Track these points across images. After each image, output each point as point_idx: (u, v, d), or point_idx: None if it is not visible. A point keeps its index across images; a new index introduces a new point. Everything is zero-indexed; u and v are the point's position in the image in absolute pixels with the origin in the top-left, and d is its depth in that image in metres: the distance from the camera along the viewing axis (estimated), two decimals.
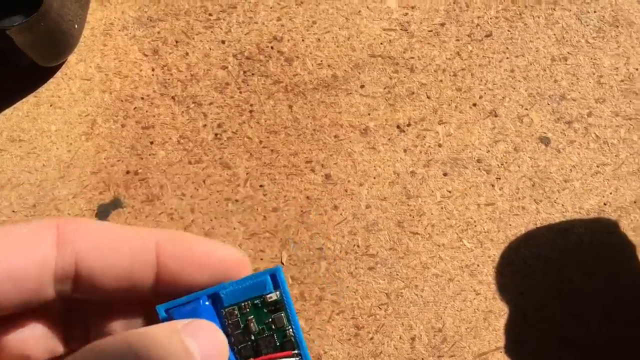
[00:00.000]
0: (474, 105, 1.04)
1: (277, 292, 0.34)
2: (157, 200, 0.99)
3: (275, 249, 0.95)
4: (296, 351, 0.33)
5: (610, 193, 0.98)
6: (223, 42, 1.10)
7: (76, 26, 1.06)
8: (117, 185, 1.00)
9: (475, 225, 0.97)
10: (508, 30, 1.10)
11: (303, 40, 1.10)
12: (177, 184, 1.00)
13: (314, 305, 0.92)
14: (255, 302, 0.34)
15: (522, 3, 1.12)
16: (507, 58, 1.08)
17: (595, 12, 1.10)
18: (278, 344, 0.34)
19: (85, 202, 0.98)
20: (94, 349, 0.29)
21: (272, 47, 1.09)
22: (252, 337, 0.34)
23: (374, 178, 1.00)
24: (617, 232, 0.96)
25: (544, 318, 0.91)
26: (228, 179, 1.00)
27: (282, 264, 0.94)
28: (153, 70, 1.08)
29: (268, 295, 0.34)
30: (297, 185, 1.00)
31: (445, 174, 1.00)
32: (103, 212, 0.98)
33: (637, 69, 1.06)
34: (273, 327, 0.34)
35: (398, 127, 1.03)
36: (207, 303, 0.32)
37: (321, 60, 1.08)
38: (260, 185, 1.00)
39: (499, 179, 0.99)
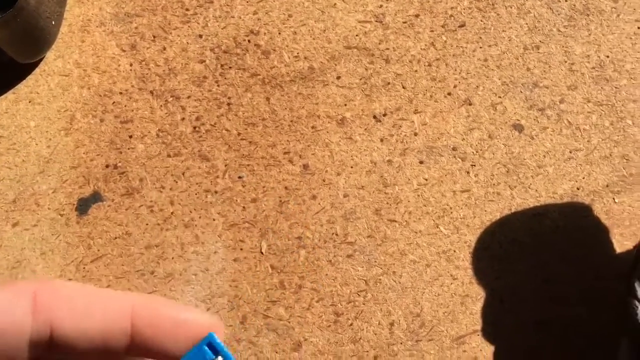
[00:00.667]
0: (449, 94, 1.06)
1: (219, 358, 0.34)
2: (137, 193, 1.00)
3: (254, 239, 0.96)
4: None
5: (583, 178, 1.00)
6: (200, 36, 1.11)
7: (53, 22, 1.06)
8: (97, 179, 1.00)
9: (452, 212, 0.98)
10: (481, 20, 1.11)
11: (279, 33, 1.11)
12: (157, 176, 1.01)
13: (294, 294, 0.93)
14: None
15: None
16: (481, 47, 1.09)
17: (566, 0, 1.12)
18: None
19: (65, 197, 0.99)
20: None
21: (249, 41, 1.10)
22: None
23: (351, 167, 1.01)
24: (591, 216, 0.98)
25: (520, 301, 0.93)
26: (207, 171, 1.01)
27: (262, 253, 0.96)
28: (131, 65, 1.09)
29: None
30: (276, 176, 1.01)
31: (421, 162, 1.01)
32: (83, 206, 0.99)
33: (607, 56, 1.08)
34: None
35: (374, 117, 1.04)
36: None
37: (298, 53, 1.10)
38: (239, 177, 1.01)
39: (474, 166, 1.01)
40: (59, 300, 0.31)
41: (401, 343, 0.89)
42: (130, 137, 1.03)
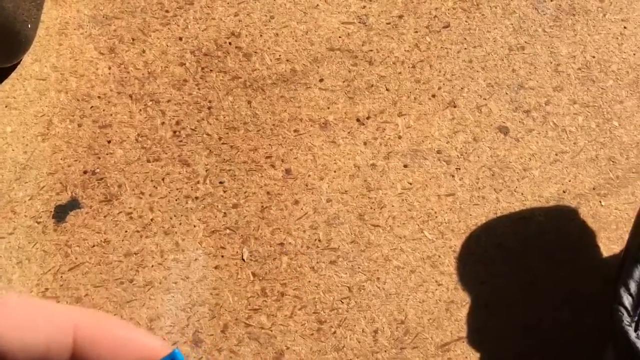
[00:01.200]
0: (433, 96, 1.04)
1: None
2: (116, 199, 0.98)
3: (236, 246, 0.95)
4: None
5: (569, 180, 0.99)
6: (180, 38, 1.09)
7: (30, 25, 1.04)
8: (75, 185, 0.98)
9: (436, 216, 0.97)
10: (465, 21, 1.10)
11: (261, 35, 1.09)
12: (136, 182, 0.99)
13: (276, 301, 0.91)
14: None
15: None
16: (465, 49, 1.08)
17: (552, 0, 1.11)
18: None
19: (42, 204, 0.97)
20: None
21: (230, 43, 1.09)
22: None
23: (335, 172, 0.99)
24: (577, 219, 0.97)
25: (505, 306, 0.91)
26: (187, 176, 0.99)
27: (243, 260, 0.94)
28: (110, 68, 1.07)
29: None
30: (257, 181, 0.99)
31: (405, 166, 1.00)
32: (60, 214, 0.97)
33: (594, 57, 1.07)
34: None
35: (358, 120, 1.03)
36: None
37: (280, 55, 1.08)
38: (220, 182, 0.99)
39: (459, 169, 0.99)
40: (4, 312, 0.31)
41: (385, 351, 0.88)
42: (109, 142, 1.01)
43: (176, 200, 0.98)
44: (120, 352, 0.35)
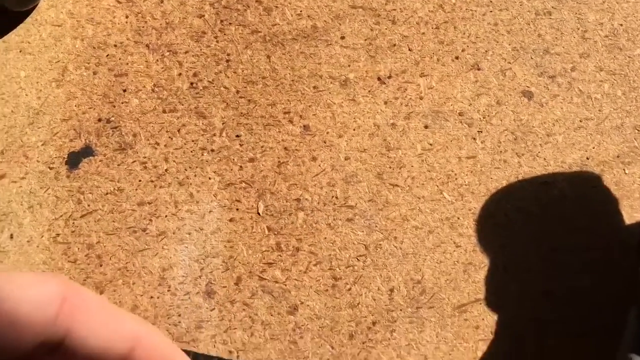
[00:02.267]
0: (457, 58, 1.02)
1: None
2: (130, 149, 0.96)
3: (251, 200, 0.93)
4: None
5: (593, 147, 0.97)
6: None
7: None
8: (89, 133, 0.96)
9: (456, 178, 0.95)
10: None
11: None
12: (151, 132, 0.97)
13: (291, 256, 0.90)
14: None
15: None
16: (491, 11, 1.06)
17: None
18: None
19: (55, 150, 0.95)
20: None
21: None
22: None
23: (354, 130, 0.97)
24: (600, 186, 0.95)
25: (524, 271, 0.90)
26: (203, 128, 0.97)
27: (259, 214, 0.92)
28: (127, 17, 1.04)
29: None
30: (275, 136, 0.97)
31: (426, 127, 0.98)
32: (73, 160, 0.95)
33: (621, 25, 1.05)
34: None
35: (379, 79, 1.01)
36: None
37: (301, 11, 1.05)
38: (237, 136, 0.97)
39: (481, 132, 0.98)
40: (82, 314, 0.31)
41: (401, 310, 0.86)
42: (124, 91, 0.99)
43: (191, 151, 0.96)
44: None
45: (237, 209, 0.92)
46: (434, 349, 0.83)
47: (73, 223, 0.91)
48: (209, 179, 0.94)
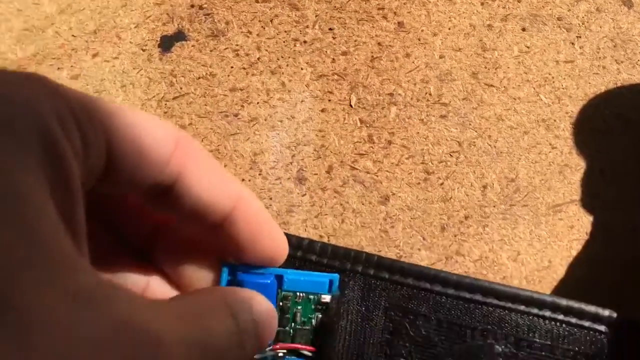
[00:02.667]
0: None
1: (330, 296, 0.37)
2: (222, 36, 0.95)
3: (344, 92, 0.92)
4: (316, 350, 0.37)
5: None
6: None
7: None
8: (181, 18, 0.95)
9: (553, 81, 0.92)
10: None
11: None
12: (243, 21, 0.96)
13: (383, 149, 0.88)
14: (310, 297, 0.37)
15: None
16: None
17: None
18: (310, 337, 0.38)
19: (147, 32, 0.94)
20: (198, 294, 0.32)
21: None
22: (293, 325, 0.37)
23: (449, 29, 0.95)
24: None
25: (622, 176, 0.88)
26: (296, 20, 0.96)
27: (351, 106, 0.91)
28: None
29: (323, 296, 0.37)
30: (368, 31, 0.95)
31: (523, 29, 0.95)
32: (166, 44, 0.94)
33: None
34: (312, 323, 0.37)
35: None
36: (270, 281, 0.35)
37: None
38: (330, 29, 0.95)
39: (580, 37, 0.95)
40: (193, 162, 0.32)
41: (494, 206, 0.85)
42: None
43: (284, 42, 0.94)
44: (264, 242, 0.36)
45: (329, 100, 0.91)
46: (527, 245, 0.81)
47: (165, 104, 0.90)
48: (301, 69, 0.93)
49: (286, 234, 0.43)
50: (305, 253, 0.52)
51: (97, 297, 0.23)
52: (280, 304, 0.38)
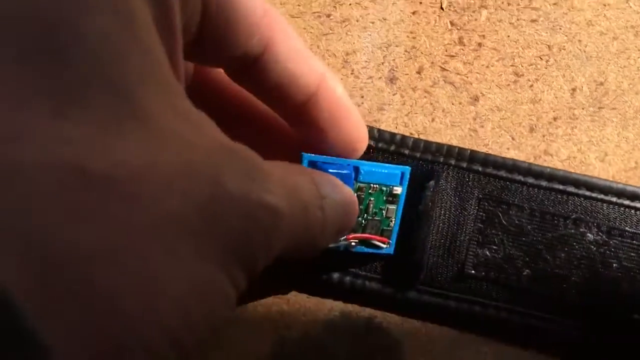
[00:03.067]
0: None
1: (402, 188, 0.37)
2: None
3: None
4: (390, 241, 0.38)
5: None
6: None
7: None
8: None
9: None
10: None
11: None
12: None
13: (473, 51, 0.90)
14: (383, 188, 0.37)
15: None
16: None
17: None
18: (381, 229, 0.37)
19: None
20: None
21: None
22: (365, 216, 0.37)
23: None
24: None
25: None
26: None
27: (442, 9, 0.92)
28: None
29: (395, 187, 0.37)
30: None
31: None
32: None
33: None
34: (384, 214, 0.37)
35: None
36: (349, 172, 0.35)
37: None
38: None
39: None
40: (280, 31, 0.31)
41: (583, 108, 0.86)
42: None
43: None
44: (350, 128, 0.34)
45: (421, 3, 0.92)
46: (614, 147, 0.83)
47: None
48: None
49: (379, 130, 0.43)
50: (398, 147, 0.53)
51: (205, 124, 0.23)
52: (355, 194, 0.37)
